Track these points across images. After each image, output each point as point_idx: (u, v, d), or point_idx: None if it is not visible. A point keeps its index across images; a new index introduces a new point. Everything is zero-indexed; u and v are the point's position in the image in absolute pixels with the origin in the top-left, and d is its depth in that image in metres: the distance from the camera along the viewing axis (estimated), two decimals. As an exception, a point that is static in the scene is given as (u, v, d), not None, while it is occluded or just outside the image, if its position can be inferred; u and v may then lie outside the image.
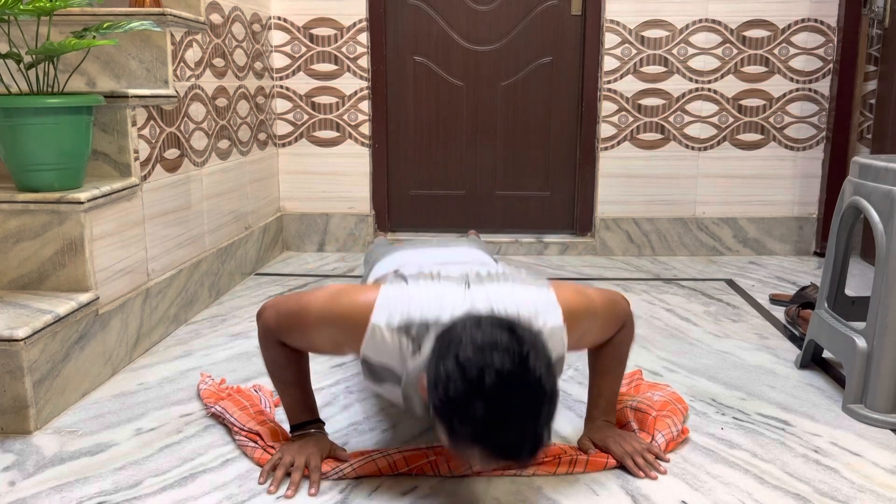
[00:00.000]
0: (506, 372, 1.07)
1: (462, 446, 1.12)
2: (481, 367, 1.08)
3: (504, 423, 1.08)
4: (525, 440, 1.09)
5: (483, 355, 1.09)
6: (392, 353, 1.29)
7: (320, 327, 1.35)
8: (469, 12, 3.22)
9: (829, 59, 3.12)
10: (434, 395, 1.12)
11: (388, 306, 1.29)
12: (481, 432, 1.09)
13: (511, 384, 1.08)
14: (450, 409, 1.10)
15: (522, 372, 1.09)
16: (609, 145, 3.21)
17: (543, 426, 1.11)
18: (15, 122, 1.74)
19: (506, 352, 1.09)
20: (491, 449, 1.10)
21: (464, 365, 1.09)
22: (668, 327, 2.29)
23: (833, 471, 1.45)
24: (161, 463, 1.48)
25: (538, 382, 1.10)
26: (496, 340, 1.10)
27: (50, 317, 1.64)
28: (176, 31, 2.27)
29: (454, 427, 1.10)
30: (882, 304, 1.63)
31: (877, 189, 1.67)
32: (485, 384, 1.07)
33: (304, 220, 3.32)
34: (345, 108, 3.25)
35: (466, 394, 1.08)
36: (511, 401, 1.08)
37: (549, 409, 1.11)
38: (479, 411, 1.07)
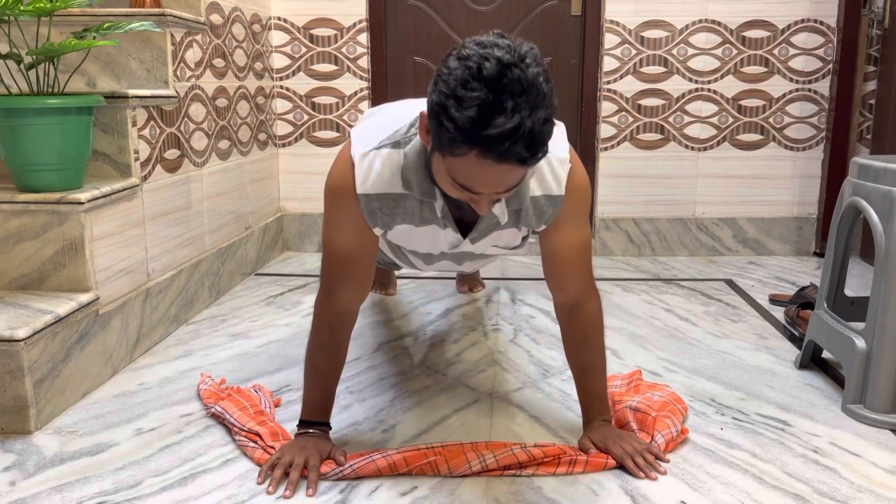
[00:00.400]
0: (505, 61, 1.09)
1: (458, 149, 1.12)
2: (481, 56, 1.09)
3: (500, 110, 1.08)
4: (521, 131, 1.08)
5: (483, 49, 1.10)
6: (388, 171, 1.31)
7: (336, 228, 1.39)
8: (469, 13, 3.22)
9: (828, 60, 3.12)
10: (433, 95, 1.13)
11: (363, 135, 1.34)
12: (478, 118, 1.08)
13: (509, 71, 1.08)
14: (448, 98, 1.10)
15: (521, 66, 1.09)
16: (609, 145, 3.22)
17: (539, 126, 1.10)
18: (15, 122, 1.74)
19: (506, 49, 1.11)
20: (487, 142, 1.09)
21: (465, 57, 1.11)
22: (667, 327, 2.30)
23: (832, 471, 1.45)
24: (161, 463, 1.48)
25: (536, 79, 1.10)
26: (497, 40, 1.13)
27: (50, 317, 1.65)
28: (176, 31, 2.27)
29: (451, 117, 1.10)
30: (881, 304, 1.64)
31: (876, 189, 1.67)
32: (484, 69, 1.08)
33: (305, 221, 3.32)
34: (345, 108, 3.25)
35: (465, 80, 1.09)
36: (508, 87, 1.08)
37: (545, 113, 1.11)
38: (475, 93, 1.08)
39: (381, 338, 2.20)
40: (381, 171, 1.33)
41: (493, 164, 1.12)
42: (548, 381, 1.88)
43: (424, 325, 2.31)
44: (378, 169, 1.33)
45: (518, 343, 2.16)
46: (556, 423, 1.65)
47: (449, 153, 1.14)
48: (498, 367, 1.98)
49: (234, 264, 2.73)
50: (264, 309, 2.48)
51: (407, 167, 1.32)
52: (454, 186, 1.19)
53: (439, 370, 1.96)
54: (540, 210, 1.40)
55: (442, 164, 1.18)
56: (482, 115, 1.08)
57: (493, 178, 1.15)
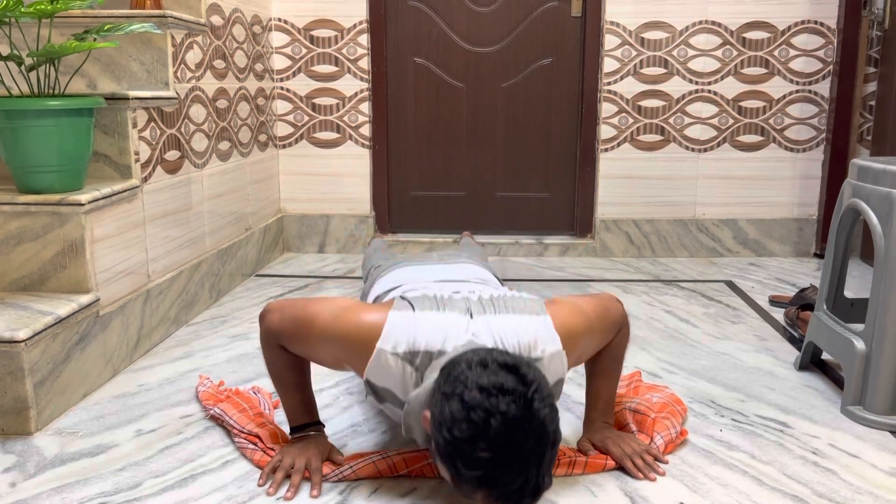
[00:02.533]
0: (511, 417, 1.08)
1: (465, 487, 1.13)
2: (487, 410, 1.08)
3: (508, 469, 1.09)
4: (528, 485, 1.10)
5: (489, 399, 1.09)
6: (395, 379, 1.31)
7: (324, 342, 1.35)
8: (469, 14, 3.22)
9: (828, 61, 3.12)
10: (439, 436, 1.13)
11: (395, 333, 1.30)
12: (485, 476, 1.09)
13: (516, 429, 1.08)
14: (454, 451, 1.11)
15: (528, 416, 1.09)
16: (609, 147, 3.22)
17: (545, 471, 1.12)
18: (16, 123, 1.74)
19: (511, 395, 1.10)
20: (494, 493, 1.11)
21: (469, 407, 1.09)
22: (667, 329, 2.30)
23: (831, 472, 1.45)
24: (161, 464, 1.48)
25: (542, 426, 1.11)
26: (502, 383, 1.11)
27: (51, 318, 1.65)
28: (176, 32, 2.28)
29: (458, 469, 1.11)
30: (881, 305, 1.64)
31: (875, 191, 1.67)
32: (490, 429, 1.08)
33: (305, 222, 3.32)
34: (345, 109, 3.25)
35: (471, 438, 1.09)
36: (516, 446, 1.08)
37: (551, 453, 1.13)
38: (483, 455, 1.08)
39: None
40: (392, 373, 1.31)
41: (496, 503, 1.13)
42: (547, 383, 1.88)
43: (424, 327, 2.30)
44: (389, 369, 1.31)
45: (518, 344, 2.16)
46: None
47: (455, 484, 1.15)
48: (498, 368, 1.98)
49: (234, 265, 2.74)
50: (264, 310, 2.48)
51: (410, 413, 1.30)
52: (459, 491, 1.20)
53: (439, 371, 1.96)
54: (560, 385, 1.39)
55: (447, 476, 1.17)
56: (489, 475, 1.09)
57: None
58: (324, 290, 2.72)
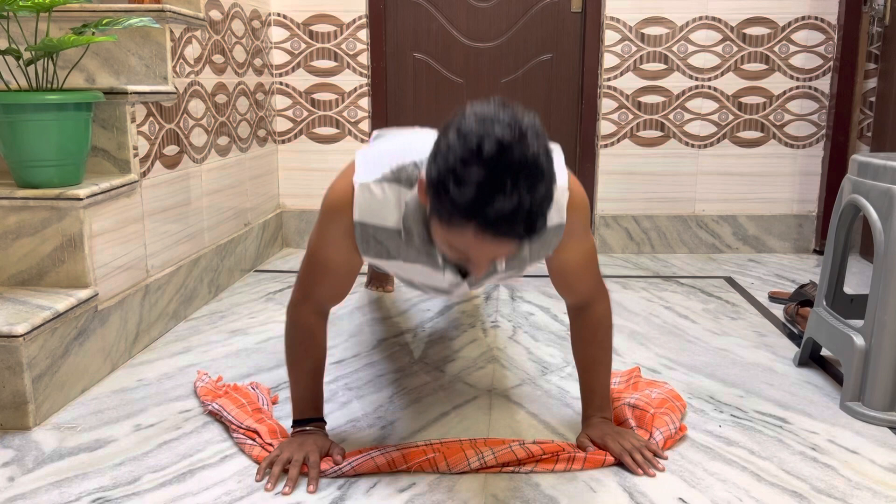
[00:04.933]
0: (506, 141, 1.08)
1: (456, 223, 1.12)
2: (480, 135, 1.09)
3: (499, 189, 1.08)
4: (519, 211, 1.09)
5: (484, 126, 1.10)
6: (386, 206, 1.30)
7: (325, 241, 1.38)
8: (469, 9, 3.21)
9: (829, 57, 3.12)
10: (432, 168, 1.13)
11: (368, 163, 1.31)
12: (476, 197, 1.08)
13: (509, 152, 1.08)
14: (447, 174, 1.10)
15: (521, 145, 1.09)
16: (609, 143, 3.21)
17: (539, 205, 1.10)
18: (14, 118, 1.74)
19: (507, 125, 1.10)
20: (485, 220, 1.09)
21: (464, 134, 1.10)
22: (666, 325, 2.30)
23: (830, 468, 1.45)
24: (160, 459, 1.48)
25: (535, 158, 1.10)
26: (497, 114, 1.12)
27: (49, 313, 1.65)
28: (175, 27, 2.27)
29: (450, 194, 1.10)
30: (880, 301, 1.64)
31: (875, 187, 1.67)
32: (483, 150, 1.08)
33: (304, 217, 3.32)
34: (344, 104, 3.25)
35: (464, 159, 1.09)
36: (508, 167, 1.08)
37: (544, 190, 1.11)
38: (475, 174, 1.08)
39: (380, 334, 2.20)
40: (382, 204, 1.31)
41: (490, 240, 1.12)
42: (547, 378, 1.88)
43: (423, 322, 2.31)
44: (378, 201, 1.31)
45: (517, 340, 2.16)
46: (554, 420, 1.65)
47: (446, 223, 1.14)
48: (497, 363, 1.98)
49: (233, 261, 2.73)
50: (263, 305, 2.48)
51: (408, 215, 1.30)
52: (451, 250, 1.20)
53: (438, 367, 1.96)
54: (545, 241, 1.40)
55: (439, 229, 1.18)
56: (480, 195, 1.08)
57: (490, 251, 1.15)
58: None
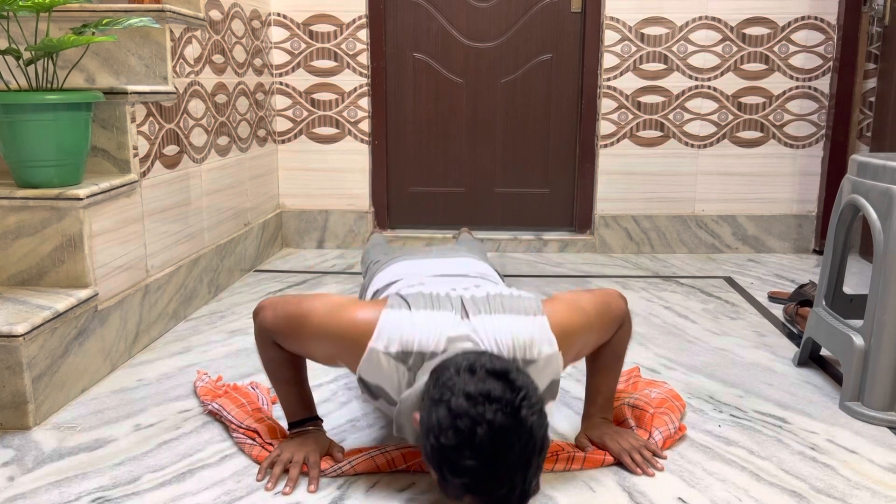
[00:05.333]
0: (497, 425, 1.07)
1: (452, 493, 1.13)
2: (473, 419, 1.07)
3: (494, 476, 1.08)
4: (513, 492, 1.10)
5: (475, 407, 1.08)
6: (388, 378, 1.30)
7: (318, 339, 1.35)
8: (469, 9, 3.21)
9: (828, 57, 3.12)
10: (426, 443, 1.13)
11: (388, 332, 1.29)
12: (471, 483, 1.09)
13: (503, 437, 1.07)
14: (441, 458, 1.10)
15: (514, 424, 1.08)
16: (609, 143, 3.22)
17: (532, 477, 1.11)
18: (14, 118, 1.74)
19: (498, 403, 1.09)
20: (480, 500, 1.11)
21: (456, 415, 1.09)
22: (666, 325, 2.30)
23: (829, 468, 1.46)
24: (159, 459, 1.48)
25: (530, 433, 1.10)
26: (489, 391, 1.10)
27: (49, 313, 1.65)
28: (175, 27, 2.27)
29: (444, 475, 1.11)
30: (880, 301, 1.64)
31: (875, 187, 1.67)
32: (476, 437, 1.07)
33: (304, 217, 3.32)
34: (344, 104, 3.25)
35: (457, 446, 1.08)
36: (501, 455, 1.07)
37: (538, 459, 1.12)
38: (469, 464, 1.08)
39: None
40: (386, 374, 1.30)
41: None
42: (546, 378, 1.88)
43: (423, 322, 2.30)
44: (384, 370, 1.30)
45: (517, 340, 2.16)
46: (554, 420, 1.65)
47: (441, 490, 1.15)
48: (496, 363, 1.98)
49: (233, 261, 2.73)
50: (263, 305, 2.47)
51: (401, 413, 1.29)
52: None
53: (438, 367, 1.95)
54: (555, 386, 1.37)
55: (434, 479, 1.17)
56: (474, 483, 1.08)
57: None
58: (323, 286, 2.72)
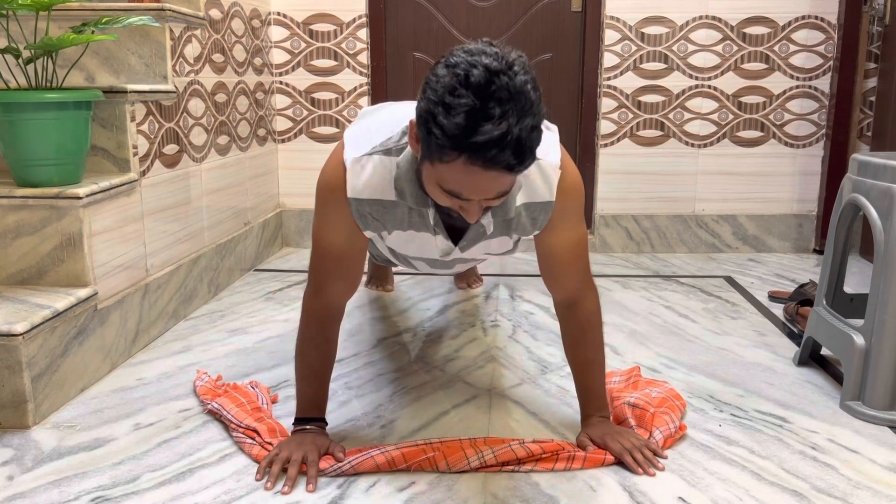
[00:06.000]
0: (493, 68, 1.09)
1: (447, 155, 1.12)
2: (469, 63, 1.10)
3: (488, 117, 1.08)
4: (508, 138, 1.09)
5: (471, 56, 1.11)
6: (380, 178, 1.31)
7: (325, 225, 1.40)
8: (469, 8, 3.21)
9: (829, 57, 3.11)
10: (422, 103, 1.14)
11: (356, 139, 1.33)
12: (465, 124, 1.08)
13: (496, 80, 1.09)
14: (437, 104, 1.11)
15: (508, 73, 1.10)
16: (609, 142, 3.21)
17: (527, 134, 1.11)
18: (14, 117, 1.74)
19: (494, 57, 1.11)
20: (474, 148, 1.09)
21: (453, 65, 1.11)
22: (666, 324, 2.29)
23: (830, 467, 1.45)
24: (159, 458, 1.48)
25: (523, 86, 1.10)
26: (486, 48, 1.13)
27: (48, 312, 1.64)
28: (175, 26, 2.27)
29: (440, 123, 1.10)
30: (880, 301, 1.63)
31: (875, 186, 1.67)
32: (471, 78, 1.09)
33: (304, 216, 3.32)
34: (344, 104, 3.24)
35: (452, 87, 1.10)
36: (495, 94, 1.09)
37: (532, 120, 1.11)
38: (463, 101, 1.08)
39: (380, 334, 2.20)
40: (373, 177, 1.34)
41: (480, 171, 1.12)
42: (546, 378, 1.88)
43: (423, 322, 2.31)
44: (369, 175, 1.34)
45: (517, 339, 2.16)
46: (554, 420, 1.65)
47: (438, 160, 1.14)
48: (496, 363, 1.98)
49: (233, 260, 2.73)
50: (263, 305, 2.47)
51: (400, 177, 1.32)
52: (443, 194, 1.20)
53: (438, 366, 1.96)
54: (532, 216, 1.41)
55: (431, 171, 1.18)
56: (470, 121, 1.08)
57: (481, 185, 1.15)
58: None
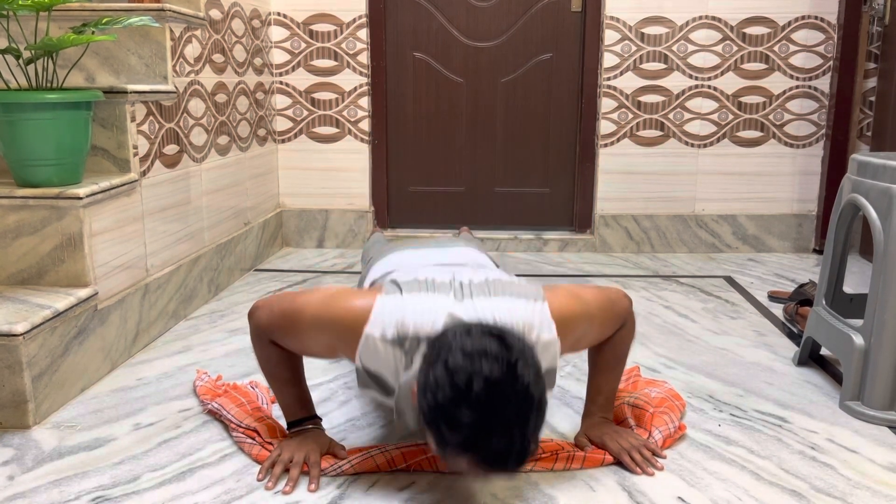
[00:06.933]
0: (494, 379, 1.08)
1: (450, 454, 1.13)
2: (469, 373, 1.08)
3: (491, 431, 1.08)
4: (512, 448, 1.09)
5: (472, 362, 1.09)
6: (386, 364, 1.29)
7: (314, 331, 1.34)
8: (469, 8, 3.21)
9: (829, 57, 3.11)
10: (423, 402, 1.13)
11: (383, 317, 1.29)
12: (468, 439, 1.09)
13: (499, 391, 1.08)
14: (438, 415, 1.10)
15: (510, 379, 1.09)
16: (609, 142, 3.21)
17: (531, 435, 1.11)
18: (14, 117, 1.74)
19: (494, 359, 1.09)
20: (478, 457, 1.10)
21: (452, 371, 1.09)
22: (666, 324, 2.30)
23: (829, 467, 1.46)
24: (159, 458, 1.48)
25: (526, 390, 1.10)
26: (485, 348, 1.11)
27: (49, 312, 1.65)
28: (175, 26, 2.27)
29: (442, 434, 1.11)
30: (880, 301, 1.64)
31: (875, 186, 1.67)
32: (472, 391, 1.07)
33: (304, 216, 3.32)
34: (344, 104, 3.25)
35: (454, 400, 1.08)
36: (499, 408, 1.08)
37: (536, 418, 1.11)
38: (466, 418, 1.08)
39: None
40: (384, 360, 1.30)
41: (483, 471, 1.14)
42: (546, 378, 1.88)
43: (423, 321, 2.30)
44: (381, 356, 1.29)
45: (517, 339, 2.16)
46: (554, 420, 1.65)
47: (442, 453, 1.15)
48: (496, 363, 1.98)
49: (233, 260, 2.73)
50: (263, 304, 2.47)
51: (400, 398, 1.30)
52: None
53: (438, 366, 1.95)
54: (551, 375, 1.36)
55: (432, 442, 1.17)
56: (472, 440, 1.09)
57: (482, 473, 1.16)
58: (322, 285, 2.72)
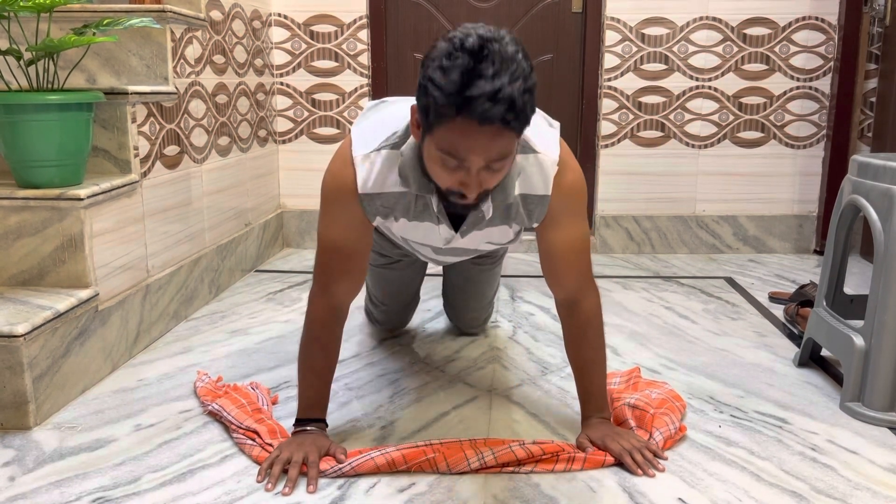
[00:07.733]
0: (486, 37, 1.16)
1: (444, 119, 1.17)
2: (464, 33, 1.18)
3: (481, 73, 1.14)
4: (501, 94, 1.14)
5: (466, 29, 1.19)
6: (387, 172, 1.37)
7: (334, 222, 1.45)
8: (470, 9, 3.21)
9: (829, 57, 3.11)
10: (421, 75, 1.20)
11: (364, 136, 1.40)
12: (460, 81, 1.14)
13: (490, 46, 1.15)
14: (434, 70, 1.17)
15: (501, 42, 1.17)
16: (609, 143, 3.22)
17: (519, 93, 1.16)
18: (15, 118, 1.74)
19: (487, 30, 1.18)
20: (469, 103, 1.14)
21: (449, 37, 1.19)
22: (666, 325, 2.30)
23: (830, 468, 1.46)
24: (160, 459, 1.48)
25: (515, 54, 1.17)
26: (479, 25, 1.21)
27: (50, 313, 1.65)
28: (176, 27, 2.27)
29: (437, 84, 1.16)
30: (880, 302, 1.64)
31: (875, 187, 1.67)
32: (466, 43, 1.16)
33: (305, 217, 3.32)
34: (345, 105, 3.25)
35: (449, 51, 1.17)
36: (489, 57, 1.15)
37: (525, 82, 1.17)
38: (458, 63, 1.15)
39: (380, 335, 2.20)
40: (381, 171, 1.39)
41: (477, 128, 1.16)
42: (546, 378, 1.88)
43: (424, 322, 2.31)
44: (378, 170, 1.40)
45: (517, 340, 2.16)
46: (554, 420, 1.65)
47: (437, 125, 1.19)
48: (497, 364, 1.98)
49: (233, 261, 2.74)
50: (264, 305, 2.48)
51: (404, 164, 1.37)
52: (444, 169, 1.24)
53: (438, 367, 1.96)
54: (529, 208, 1.44)
55: (431, 144, 1.23)
56: (464, 79, 1.14)
57: (479, 143, 1.19)
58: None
